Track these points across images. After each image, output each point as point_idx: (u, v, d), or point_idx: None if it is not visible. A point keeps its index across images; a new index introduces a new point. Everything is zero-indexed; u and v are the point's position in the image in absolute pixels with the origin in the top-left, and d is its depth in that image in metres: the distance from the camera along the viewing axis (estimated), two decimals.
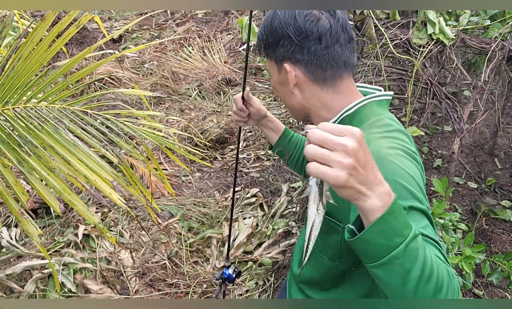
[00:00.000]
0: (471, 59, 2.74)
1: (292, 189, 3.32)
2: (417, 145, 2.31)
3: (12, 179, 1.29)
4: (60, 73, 1.40)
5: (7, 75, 1.35)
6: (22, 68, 1.35)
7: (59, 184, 1.30)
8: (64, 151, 1.36)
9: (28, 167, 1.30)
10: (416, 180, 0.86)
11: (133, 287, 2.48)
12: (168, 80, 4.74)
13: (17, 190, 1.29)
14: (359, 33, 2.04)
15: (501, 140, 3.84)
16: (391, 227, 0.66)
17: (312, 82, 1.01)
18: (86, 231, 2.66)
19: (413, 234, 0.68)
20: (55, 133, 1.37)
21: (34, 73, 1.38)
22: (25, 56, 1.34)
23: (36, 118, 1.38)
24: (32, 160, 1.31)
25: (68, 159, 1.35)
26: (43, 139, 1.35)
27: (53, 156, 1.34)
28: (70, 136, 1.39)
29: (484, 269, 1.80)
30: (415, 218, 0.80)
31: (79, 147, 1.38)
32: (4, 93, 1.37)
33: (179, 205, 3.14)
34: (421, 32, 2.02)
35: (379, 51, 2.05)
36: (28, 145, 1.33)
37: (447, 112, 2.12)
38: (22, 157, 1.31)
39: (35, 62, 1.35)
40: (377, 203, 0.66)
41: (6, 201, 1.29)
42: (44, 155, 1.32)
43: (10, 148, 1.32)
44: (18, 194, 1.29)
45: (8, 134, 1.34)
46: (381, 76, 2.10)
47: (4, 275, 2.28)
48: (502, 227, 2.96)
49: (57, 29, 1.33)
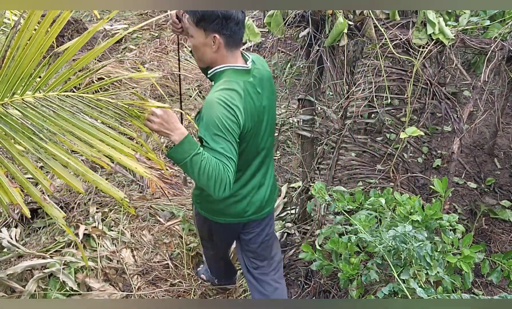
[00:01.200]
0: (470, 60, 2.75)
1: (292, 189, 3.32)
2: (417, 145, 2.31)
3: (31, 166, 1.33)
4: (64, 59, 1.41)
5: (8, 66, 1.36)
6: (22, 58, 1.36)
7: (80, 167, 1.35)
8: (84, 135, 1.40)
9: (47, 153, 1.34)
10: (222, 119, 1.54)
11: (136, 285, 2.48)
12: (168, 80, 4.74)
13: (38, 176, 1.32)
14: (359, 34, 2.05)
15: (501, 141, 3.84)
16: (181, 149, 1.49)
17: (225, 48, 1.64)
18: (87, 231, 2.66)
19: (195, 152, 1.48)
20: (72, 119, 1.41)
21: (36, 62, 1.39)
22: (23, 46, 1.34)
23: (49, 107, 1.40)
24: (50, 146, 1.35)
25: (90, 141, 1.39)
26: (61, 126, 1.38)
27: (74, 141, 1.38)
28: (87, 120, 1.42)
29: (484, 269, 1.81)
30: (218, 140, 1.53)
31: (98, 128, 1.42)
32: (9, 84, 1.38)
33: (180, 205, 3.14)
34: (420, 32, 2.02)
35: (379, 52, 2.05)
36: (43, 133, 1.35)
37: (446, 112, 2.12)
38: (40, 145, 1.34)
39: (35, 50, 1.36)
40: (176, 138, 1.49)
41: (27, 189, 1.33)
42: (65, 140, 1.36)
43: (25, 137, 1.35)
44: (40, 180, 1.32)
45: (21, 124, 1.36)
46: (381, 76, 2.10)
47: (5, 275, 2.29)
48: (502, 227, 2.96)
49: (51, 15, 1.33)
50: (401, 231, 1.61)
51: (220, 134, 1.53)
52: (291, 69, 3.75)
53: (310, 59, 2.21)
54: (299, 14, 2.10)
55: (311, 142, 2.49)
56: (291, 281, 2.58)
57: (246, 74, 1.68)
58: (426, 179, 2.50)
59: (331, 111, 2.24)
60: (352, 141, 2.27)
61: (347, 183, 2.40)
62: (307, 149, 2.51)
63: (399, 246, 1.59)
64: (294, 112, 2.50)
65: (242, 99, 1.61)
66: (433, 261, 1.61)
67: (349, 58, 2.09)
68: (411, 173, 2.36)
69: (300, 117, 2.43)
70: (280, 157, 3.75)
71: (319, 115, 2.42)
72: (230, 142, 1.55)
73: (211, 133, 1.53)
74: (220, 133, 1.53)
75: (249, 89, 1.66)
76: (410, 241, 1.60)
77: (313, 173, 2.46)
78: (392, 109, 2.26)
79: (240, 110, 1.59)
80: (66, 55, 1.40)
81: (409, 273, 1.58)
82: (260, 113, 1.74)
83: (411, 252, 1.58)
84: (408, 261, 1.62)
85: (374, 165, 2.35)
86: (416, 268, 1.60)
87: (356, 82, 2.17)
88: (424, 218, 1.75)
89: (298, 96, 2.41)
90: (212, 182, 1.50)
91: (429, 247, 1.62)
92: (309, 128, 2.43)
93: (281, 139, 3.88)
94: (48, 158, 1.33)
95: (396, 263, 1.62)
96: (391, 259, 1.61)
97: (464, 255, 1.69)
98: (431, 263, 1.60)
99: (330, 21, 2.04)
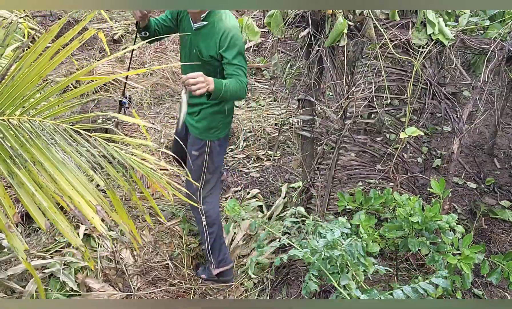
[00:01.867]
0: (470, 60, 2.75)
1: (291, 189, 3.32)
2: (417, 145, 2.32)
3: (1, 191, 1.29)
4: (57, 89, 1.39)
5: (5, 85, 1.34)
6: (22, 79, 1.34)
7: (45, 201, 1.30)
8: (52, 169, 1.35)
9: (18, 180, 1.29)
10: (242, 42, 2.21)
11: (135, 285, 2.48)
12: (169, 80, 4.74)
13: (5, 202, 1.28)
14: (358, 34, 2.05)
15: (501, 141, 3.85)
16: (219, 87, 2.05)
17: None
18: (87, 231, 2.66)
19: (224, 84, 2.08)
20: (45, 150, 1.36)
21: (33, 84, 1.37)
22: (26, 67, 1.33)
23: (29, 132, 1.37)
24: (22, 173, 1.30)
25: (55, 177, 1.34)
26: (33, 154, 1.34)
27: (42, 172, 1.33)
28: (60, 154, 1.38)
29: (484, 269, 1.81)
30: (239, 58, 2.15)
31: (67, 167, 1.37)
32: (1, 103, 1.36)
33: (180, 205, 3.14)
34: (420, 32, 2.02)
35: (378, 52, 2.05)
36: (19, 159, 1.31)
37: (446, 112, 2.12)
38: (12, 170, 1.30)
39: (35, 73, 1.35)
40: (212, 86, 2.02)
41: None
42: (33, 170, 1.31)
43: (1, 159, 1.31)
44: (6, 207, 1.28)
45: (1, 145, 1.32)
46: (381, 77, 2.10)
47: (5, 276, 2.29)
48: (502, 227, 2.96)
49: (60, 42, 1.32)
50: (330, 238, 1.61)
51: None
52: (291, 69, 3.75)
53: (310, 59, 2.21)
54: (299, 14, 2.10)
55: (311, 142, 2.49)
56: (291, 281, 2.58)
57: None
58: (426, 179, 2.50)
59: (331, 112, 2.24)
60: (352, 141, 2.27)
61: (347, 183, 2.40)
62: (307, 149, 2.51)
63: (331, 254, 1.59)
64: (294, 112, 2.50)
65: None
66: (366, 259, 1.62)
67: (349, 59, 2.10)
68: (411, 173, 2.36)
69: (300, 118, 2.43)
70: (280, 157, 3.76)
71: (319, 115, 2.42)
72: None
73: (240, 60, 2.17)
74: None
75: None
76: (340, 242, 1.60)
77: (313, 173, 2.46)
78: (392, 110, 2.26)
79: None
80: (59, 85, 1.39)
81: (348, 277, 1.58)
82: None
83: (344, 257, 1.58)
84: (344, 265, 1.62)
85: (374, 165, 2.36)
86: (353, 270, 1.60)
87: (356, 83, 2.17)
88: (424, 219, 1.75)
89: (298, 96, 2.41)
90: (239, 90, 2.15)
91: (359, 246, 1.62)
92: (309, 128, 2.43)
93: (281, 139, 3.88)
94: (18, 185, 1.29)
95: (333, 270, 1.61)
96: (326, 267, 1.59)
97: (464, 255, 1.69)
98: (365, 262, 1.61)
99: (330, 21, 2.04)
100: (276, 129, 4.01)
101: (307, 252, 1.62)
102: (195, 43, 2.23)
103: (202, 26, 2.19)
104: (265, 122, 4.14)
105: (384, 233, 1.88)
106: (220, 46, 2.14)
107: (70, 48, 1.34)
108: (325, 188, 2.39)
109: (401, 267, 2.44)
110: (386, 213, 2.04)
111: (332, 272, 1.59)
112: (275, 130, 4.01)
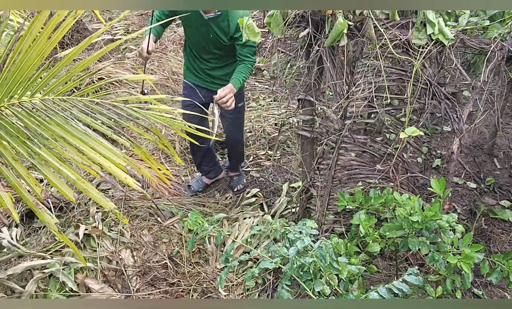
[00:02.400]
0: (470, 60, 2.75)
1: (292, 189, 3.32)
2: (417, 145, 2.31)
3: (24, 172, 1.31)
4: (62, 65, 1.40)
5: (8, 70, 1.35)
6: (23, 62, 1.36)
7: (72, 174, 1.32)
8: (76, 141, 1.38)
9: (40, 159, 1.31)
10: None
11: (134, 286, 2.48)
12: (169, 80, 4.74)
13: (30, 181, 1.30)
14: (358, 34, 2.05)
15: (500, 141, 3.85)
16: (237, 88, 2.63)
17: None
18: (87, 230, 2.66)
19: (241, 80, 2.66)
20: (65, 125, 1.39)
21: (36, 66, 1.38)
22: (24, 50, 1.34)
23: (44, 111, 1.39)
24: (43, 152, 1.33)
25: (81, 148, 1.37)
26: (54, 131, 1.36)
27: (65, 147, 1.36)
28: (80, 126, 1.41)
29: (483, 269, 1.81)
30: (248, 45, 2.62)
31: (90, 136, 1.40)
32: (8, 88, 1.38)
33: (180, 205, 3.14)
34: (420, 32, 2.02)
35: (378, 52, 2.05)
36: (38, 138, 1.34)
37: (446, 112, 2.12)
38: (33, 150, 1.32)
39: (36, 55, 1.36)
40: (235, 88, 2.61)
41: (20, 194, 1.30)
42: (56, 146, 1.33)
43: (19, 141, 1.33)
44: (32, 186, 1.30)
45: (17, 128, 1.35)
46: (381, 77, 2.10)
47: (5, 276, 2.28)
48: (502, 227, 2.96)
49: (54, 21, 1.33)
50: (301, 246, 1.59)
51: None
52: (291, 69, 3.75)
53: (310, 59, 2.21)
54: (299, 14, 2.10)
55: (311, 142, 2.49)
56: None
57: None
58: (425, 178, 2.50)
59: (331, 112, 2.24)
60: (352, 141, 2.27)
61: (347, 183, 2.40)
62: (307, 149, 2.51)
63: (303, 262, 1.57)
64: (294, 113, 2.50)
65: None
66: (340, 264, 1.61)
67: (349, 59, 2.09)
68: (411, 173, 2.36)
69: (300, 117, 2.43)
70: (280, 157, 3.76)
71: (319, 115, 2.42)
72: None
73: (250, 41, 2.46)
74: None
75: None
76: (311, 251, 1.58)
77: (313, 173, 2.46)
78: (392, 110, 2.26)
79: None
80: (64, 60, 1.40)
81: (321, 283, 1.56)
82: None
83: (316, 263, 1.57)
84: (317, 271, 1.60)
85: (374, 165, 2.36)
86: (327, 275, 1.59)
87: (356, 83, 2.17)
88: (424, 219, 1.75)
89: (298, 96, 2.41)
90: (249, 73, 2.72)
91: (331, 251, 1.61)
92: (309, 128, 2.43)
93: (281, 139, 3.88)
94: (41, 163, 1.32)
95: (306, 278, 1.59)
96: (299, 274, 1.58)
97: (464, 254, 1.69)
98: (338, 266, 1.60)
99: (330, 21, 2.04)
100: (276, 129, 4.01)
101: (277, 261, 1.61)
102: (210, 30, 2.65)
103: (216, 16, 2.58)
104: (265, 122, 4.14)
105: (384, 232, 1.88)
106: (235, 30, 2.58)
107: (66, 25, 1.35)
108: (325, 188, 2.39)
109: (401, 267, 2.44)
110: (386, 213, 2.04)
111: (305, 279, 1.57)
112: (275, 130, 4.01)
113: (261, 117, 4.22)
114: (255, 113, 4.28)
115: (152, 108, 1.60)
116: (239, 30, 2.51)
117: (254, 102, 4.54)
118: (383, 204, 2.01)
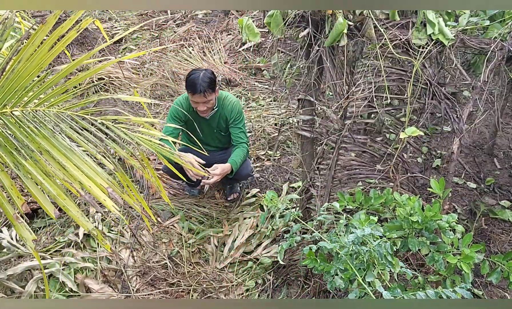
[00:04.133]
0: (470, 60, 2.75)
1: (292, 189, 3.32)
2: (417, 145, 2.31)
3: (8, 182, 1.28)
4: (59, 77, 1.39)
5: (6, 77, 1.34)
6: (22, 71, 1.34)
7: (54, 189, 1.29)
8: (60, 156, 1.35)
9: (24, 171, 1.29)
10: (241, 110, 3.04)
11: (134, 286, 2.48)
12: (169, 80, 4.74)
13: (13, 193, 1.27)
14: (358, 34, 2.05)
15: (500, 141, 3.85)
16: (234, 168, 2.86)
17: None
18: (87, 230, 2.66)
19: (238, 161, 2.91)
20: (51, 138, 1.36)
21: (34, 76, 1.37)
22: (25, 59, 1.33)
23: (34, 122, 1.37)
24: (28, 164, 1.30)
25: (64, 164, 1.34)
26: (40, 144, 1.34)
27: (49, 161, 1.33)
28: (66, 141, 1.38)
29: (483, 269, 1.81)
30: (242, 130, 3.01)
31: (75, 153, 1.37)
32: (3, 96, 1.37)
33: (180, 205, 3.14)
34: (420, 32, 2.02)
35: (378, 52, 2.05)
36: (25, 149, 1.31)
37: (446, 112, 2.12)
38: (19, 161, 1.30)
39: (35, 65, 1.35)
40: (230, 171, 2.84)
41: (1, 205, 1.27)
42: (40, 159, 1.31)
43: (7, 151, 1.31)
44: (14, 198, 1.27)
45: (6, 138, 1.32)
46: (381, 77, 2.10)
47: (5, 276, 2.28)
48: (502, 227, 2.96)
49: (58, 32, 1.32)
50: (360, 234, 1.60)
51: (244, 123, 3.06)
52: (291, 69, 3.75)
53: (310, 59, 2.21)
54: (299, 14, 2.10)
55: (311, 142, 2.49)
56: (291, 281, 2.59)
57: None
58: (426, 179, 2.50)
59: (331, 112, 2.24)
60: (352, 141, 2.27)
61: (347, 183, 2.40)
62: (307, 149, 2.51)
63: (359, 249, 1.58)
64: (294, 112, 2.50)
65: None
66: (394, 258, 1.62)
67: (349, 59, 2.09)
68: (411, 173, 2.36)
69: (300, 117, 2.43)
70: (280, 157, 3.76)
71: (319, 115, 2.42)
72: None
73: (243, 124, 3.00)
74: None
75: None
76: (369, 240, 1.60)
77: (313, 173, 2.46)
78: (392, 110, 2.26)
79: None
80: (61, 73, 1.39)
81: (373, 275, 1.57)
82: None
83: (372, 254, 1.58)
84: (371, 263, 1.61)
85: (374, 165, 2.35)
86: (380, 268, 1.59)
87: (356, 83, 2.17)
88: (424, 219, 1.75)
89: (298, 96, 2.41)
90: (245, 155, 2.96)
91: (388, 245, 1.61)
92: (309, 128, 2.43)
93: (281, 139, 3.88)
94: (26, 175, 1.29)
95: (359, 267, 1.60)
96: (353, 263, 1.59)
97: (464, 255, 1.69)
98: (393, 261, 1.61)
99: (330, 21, 2.04)
100: (276, 129, 4.01)
101: (335, 246, 1.63)
102: (213, 125, 3.00)
103: (214, 112, 2.94)
104: (265, 122, 4.14)
105: (384, 233, 1.88)
106: (231, 118, 2.96)
107: (68, 38, 1.34)
108: (325, 188, 2.39)
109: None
110: (386, 213, 2.04)
111: (358, 268, 1.59)
112: (275, 130, 4.01)
113: (261, 117, 4.22)
114: (255, 113, 4.28)
115: (142, 131, 1.56)
116: (237, 117, 2.95)
117: (254, 102, 4.54)
118: (383, 204, 2.01)
